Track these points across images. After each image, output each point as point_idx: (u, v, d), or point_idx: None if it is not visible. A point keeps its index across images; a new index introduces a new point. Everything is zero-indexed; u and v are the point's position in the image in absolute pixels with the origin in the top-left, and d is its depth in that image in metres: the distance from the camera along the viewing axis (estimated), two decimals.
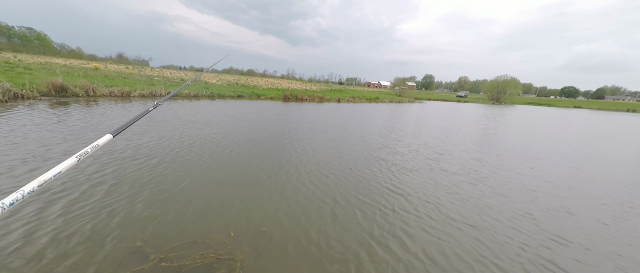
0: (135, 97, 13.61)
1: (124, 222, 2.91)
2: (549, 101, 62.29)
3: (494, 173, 5.70)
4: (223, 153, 5.66)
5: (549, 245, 3.16)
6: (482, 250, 2.96)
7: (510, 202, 4.28)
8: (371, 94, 36.33)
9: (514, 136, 11.05)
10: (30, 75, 13.21)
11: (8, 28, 76.08)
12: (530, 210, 4.05)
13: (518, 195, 4.59)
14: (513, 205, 4.19)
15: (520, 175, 5.70)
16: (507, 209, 4.01)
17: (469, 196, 4.39)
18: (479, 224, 3.51)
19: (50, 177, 0.58)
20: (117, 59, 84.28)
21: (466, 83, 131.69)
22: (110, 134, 0.84)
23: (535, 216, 3.85)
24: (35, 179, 0.56)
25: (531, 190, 4.86)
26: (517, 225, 3.57)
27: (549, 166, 6.62)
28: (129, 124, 0.93)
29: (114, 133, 0.87)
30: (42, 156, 4.52)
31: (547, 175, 5.83)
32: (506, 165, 6.39)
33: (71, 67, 22.44)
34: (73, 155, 0.67)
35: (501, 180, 5.33)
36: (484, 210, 3.92)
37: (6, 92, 9.21)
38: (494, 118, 18.83)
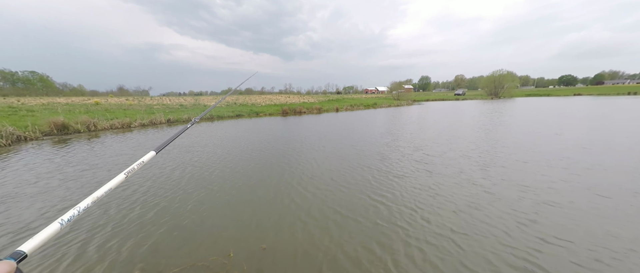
0: (136, 127, 13.80)
1: (122, 249, 2.88)
2: (548, 91, 62.21)
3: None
4: (217, 174, 5.65)
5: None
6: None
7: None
8: (369, 101, 36.57)
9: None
10: (33, 117, 13.52)
11: (12, 74, 78.71)
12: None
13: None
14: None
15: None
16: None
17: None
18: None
19: (102, 194, 0.63)
20: (118, 92, 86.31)
21: (463, 81, 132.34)
22: (153, 152, 0.88)
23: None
24: (89, 196, 0.60)
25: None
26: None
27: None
28: (170, 141, 0.97)
29: (157, 149, 0.90)
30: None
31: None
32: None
33: (73, 104, 22.97)
34: (121, 172, 0.72)
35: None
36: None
37: (9, 136, 9.40)
38: (500, 115, 18.73)
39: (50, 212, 3.87)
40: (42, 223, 3.57)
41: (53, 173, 5.77)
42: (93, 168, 6.10)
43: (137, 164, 0.79)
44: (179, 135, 1.02)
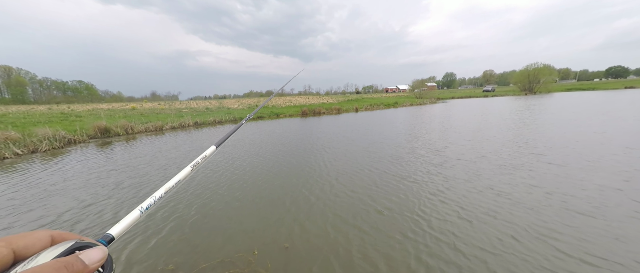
0: (167, 130, 14.78)
1: (156, 247, 3.10)
2: (593, 85, 56.31)
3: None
4: (242, 174, 5.86)
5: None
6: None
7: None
8: (389, 100, 35.75)
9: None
10: (80, 121, 15.04)
11: (63, 83, 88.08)
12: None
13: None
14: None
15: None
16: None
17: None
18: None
19: (173, 184, 0.66)
20: (151, 97, 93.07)
21: (492, 76, 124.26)
22: (214, 146, 0.92)
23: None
24: (162, 187, 0.65)
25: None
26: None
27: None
28: (228, 136, 1.02)
29: (217, 144, 0.94)
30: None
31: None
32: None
33: (113, 110, 25.19)
34: (188, 165, 0.76)
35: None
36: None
37: (62, 139, 10.55)
38: (531, 112, 17.36)
39: (106, 200, 4.28)
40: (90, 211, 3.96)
41: (106, 170, 6.38)
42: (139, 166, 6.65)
43: (201, 158, 0.83)
44: (235, 131, 1.07)
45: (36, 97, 78.39)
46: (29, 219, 3.95)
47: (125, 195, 4.82)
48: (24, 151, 8.99)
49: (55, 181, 5.75)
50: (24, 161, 7.93)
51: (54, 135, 10.46)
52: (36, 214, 4.11)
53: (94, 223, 3.76)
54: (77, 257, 0.34)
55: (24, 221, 3.88)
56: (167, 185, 0.66)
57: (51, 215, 4.05)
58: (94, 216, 3.97)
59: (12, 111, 24.32)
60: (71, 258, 0.33)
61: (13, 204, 4.54)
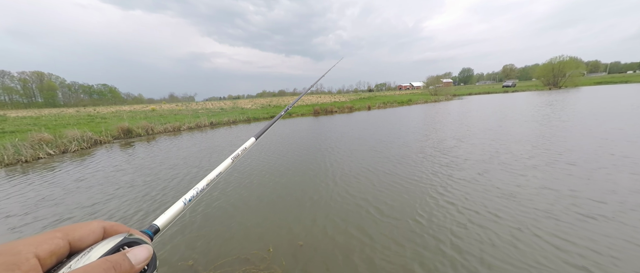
0: (185, 130, 15.31)
1: (175, 242, 3.23)
2: (626, 77, 52.32)
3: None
4: (258, 172, 5.96)
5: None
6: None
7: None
8: (403, 97, 35.06)
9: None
10: (105, 123, 15.91)
11: (89, 87, 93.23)
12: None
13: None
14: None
15: None
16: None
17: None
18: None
19: (214, 176, 0.68)
20: (169, 99, 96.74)
21: (513, 71, 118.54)
22: (253, 138, 0.95)
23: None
24: (204, 178, 0.65)
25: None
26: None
27: None
28: (267, 127, 1.04)
29: (256, 136, 0.97)
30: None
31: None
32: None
33: (135, 111, 26.43)
34: (228, 157, 0.77)
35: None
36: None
37: (89, 140, 11.21)
38: (552, 108, 16.39)
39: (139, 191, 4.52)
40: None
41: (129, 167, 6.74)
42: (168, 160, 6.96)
43: (241, 150, 0.84)
44: (274, 122, 1.09)
45: (65, 101, 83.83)
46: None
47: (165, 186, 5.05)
48: (56, 152, 9.63)
49: (118, 167, 6.12)
50: (57, 161, 8.50)
51: (82, 136, 11.13)
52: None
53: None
54: (124, 256, 0.35)
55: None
56: (209, 177, 0.67)
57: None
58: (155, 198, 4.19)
59: (44, 114, 26.11)
60: (119, 258, 0.35)
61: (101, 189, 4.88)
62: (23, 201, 4.88)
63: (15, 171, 7.33)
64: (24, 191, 5.47)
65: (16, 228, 3.85)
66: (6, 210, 4.51)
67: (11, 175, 6.92)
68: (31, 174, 6.88)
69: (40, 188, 5.66)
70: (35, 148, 9.31)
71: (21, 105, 72.65)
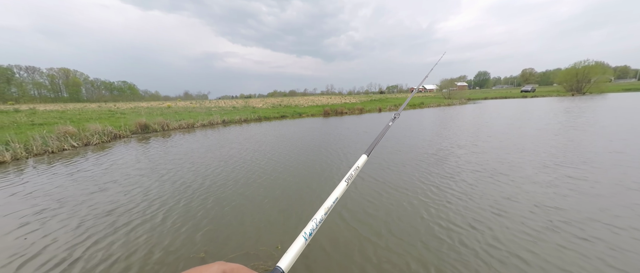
0: (198, 127, 15.75)
1: (189, 236, 3.35)
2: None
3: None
4: (266, 171, 6.07)
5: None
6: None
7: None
8: (415, 100, 34.50)
9: None
10: (124, 118, 16.61)
11: (110, 83, 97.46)
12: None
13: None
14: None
15: None
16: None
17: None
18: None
19: (331, 203, 0.68)
20: (184, 97, 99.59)
21: (532, 75, 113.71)
22: (365, 155, 0.91)
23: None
24: (321, 207, 0.66)
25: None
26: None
27: None
28: (377, 142, 1.01)
29: (367, 152, 0.93)
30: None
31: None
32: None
33: (151, 108, 27.43)
34: (342, 180, 0.77)
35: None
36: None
37: (109, 134, 11.76)
38: (571, 116, 15.66)
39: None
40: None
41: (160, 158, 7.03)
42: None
43: (354, 170, 0.82)
44: (383, 135, 1.04)
45: (88, 96, 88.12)
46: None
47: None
48: (79, 144, 10.17)
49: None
50: (80, 153, 8.97)
51: (103, 130, 11.70)
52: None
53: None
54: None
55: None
56: (325, 205, 0.67)
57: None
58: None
59: (69, 108, 27.56)
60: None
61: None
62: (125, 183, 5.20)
63: (70, 159, 7.80)
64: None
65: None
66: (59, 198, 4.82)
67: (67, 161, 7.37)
68: (91, 157, 7.30)
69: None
70: (61, 140, 9.86)
71: (49, 99, 77.10)
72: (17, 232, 3.56)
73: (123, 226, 3.66)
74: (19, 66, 76.95)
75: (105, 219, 3.88)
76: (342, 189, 0.73)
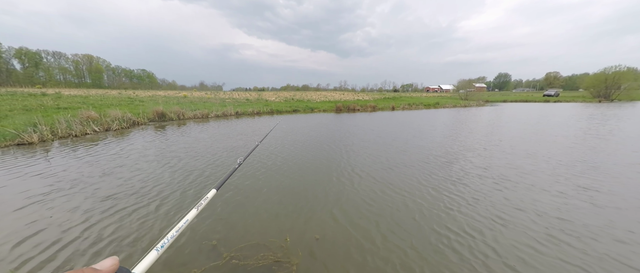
0: (212, 118, 16.09)
1: (202, 223, 3.45)
2: None
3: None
4: (277, 164, 6.13)
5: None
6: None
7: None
8: (430, 100, 33.72)
9: None
10: (143, 106, 17.19)
11: (130, 71, 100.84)
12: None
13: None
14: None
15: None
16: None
17: None
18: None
19: (183, 224, 0.80)
20: (200, 87, 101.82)
21: (557, 79, 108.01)
22: (214, 189, 1.10)
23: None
24: (174, 227, 0.77)
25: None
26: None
27: None
28: (226, 179, 1.27)
29: (217, 187, 1.14)
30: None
31: None
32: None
33: (168, 97, 28.22)
34: (193, 207, 0.90)
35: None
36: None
37: (128, 121, 12.22)
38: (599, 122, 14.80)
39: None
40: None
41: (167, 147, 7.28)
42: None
43: (204, 200, 0.98)
44: (231, 175, 1.34)
45: (109, 83, 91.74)
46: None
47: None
48: (100, 129, 10.64)
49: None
50: (101, 139, 9.39)
51: (122, 117, 12.17)
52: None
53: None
54: (91, 268, 0.37)
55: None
56: (178, 225, 0.77)
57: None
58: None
59: (92, 94, 28.80)
60: (86, 269, 0.36)
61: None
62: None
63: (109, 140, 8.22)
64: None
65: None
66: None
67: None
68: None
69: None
70: (83, 124, 10.35)
71: (73, 84, 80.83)
72: (23, 211, 3.79)
73: (158, 207, 3.82)
74: (47, 51, 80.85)
75: (130, 198, 4.05)
76: (193, 215, 0.84)
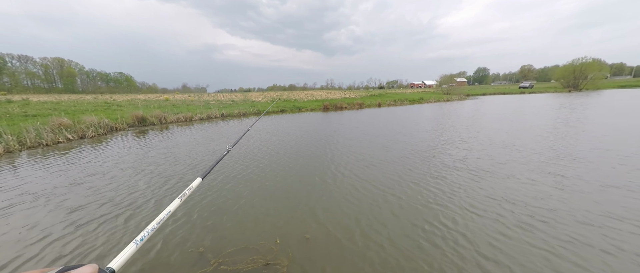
0: (196, 121, 15.61)
1: (188, 229, 3.32)
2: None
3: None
4: (267, 164, 6.03)
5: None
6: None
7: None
8: (414, 96, 34.48)
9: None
10: (121, 111, 16.39)
11: (106, 75, 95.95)
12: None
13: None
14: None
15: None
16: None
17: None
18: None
19: (164, 216, 0.75)
20: (182, 89, 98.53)
21: (531, 72, 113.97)
22: (200, 178, 1.04)
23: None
24: (155, 219, 0.73)
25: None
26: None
27: None
28: (212, 167, 1.15)
29: (202, 176, 1.08)
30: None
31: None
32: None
33: (149, 100, 27.08)
34: (177, 198, 0.86)
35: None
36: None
37: (105, 127, 11.60)
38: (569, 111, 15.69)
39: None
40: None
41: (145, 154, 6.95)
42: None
43: (188, 189, 0.94)
44: (217, 162, 1.22)
45: (84, 88, 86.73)
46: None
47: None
48: (74, 137, 10.03)
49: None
50: (75, 147, 8.85)
51: (98, 123, 11.54)
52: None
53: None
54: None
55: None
56: (159, 217, 0.73)
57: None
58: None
59: (64, 99, 27.11)
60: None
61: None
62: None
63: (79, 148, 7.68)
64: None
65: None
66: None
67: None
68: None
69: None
70: (55, 132, 9.72)
71: (42, 90, 75.69)
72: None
73: (128, 219, 3.62)
74: (11, 54, 75.23)
75: (99, 210, 3.83)
76: (176, 205, 0.81)
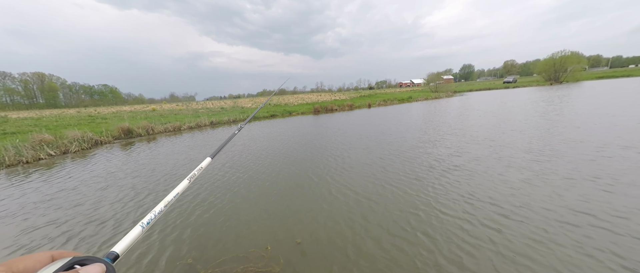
0: (185, 130, 15.33)
1: (175, 242, 3.25)
2: (628, 71, 51.88)
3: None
4: (255, 171, 5.97)
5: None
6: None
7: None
8: (403, 95, 34.99)
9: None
10: (106, 123, 15.95)
11: (90, 87, 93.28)
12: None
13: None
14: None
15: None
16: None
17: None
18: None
19: (171, 198, 0.69)
20: (170, 99, 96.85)
21: (514, 67, 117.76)
22: (209, 157, 0.95)
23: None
24: (162, 201, 0.67)
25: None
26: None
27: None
28: (222, 146, 1.05)
29: (211, 155, 0.97)
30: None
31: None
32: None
33: (135, 112, 26.48)
34: (185, 178, 0.79)
35: None
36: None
37: (89, 141, 11.25)
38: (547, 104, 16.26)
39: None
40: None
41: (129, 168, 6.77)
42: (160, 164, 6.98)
43: (197, 170, 0.85)
44: (227, 142, 1.08)
45: (66, 101, 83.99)
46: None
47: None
48: (57, 152, 9.68)
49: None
50: (58, 163, 8.54)
51: (82, 137, 11.17)
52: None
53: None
54: (76, 272, 0.35)
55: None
56: (166, 199, 0.68)
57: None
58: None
59: (46, 115, 26.19)
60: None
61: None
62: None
63: (44, 169, 7.37)
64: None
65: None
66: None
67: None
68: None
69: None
70: (36, 149, 9.35)
71: (23, 106, 72.84)
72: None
73: (122, 232, 3.51)
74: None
75: (73, 227, 3.70)
76: (184, 186, 0.76)
